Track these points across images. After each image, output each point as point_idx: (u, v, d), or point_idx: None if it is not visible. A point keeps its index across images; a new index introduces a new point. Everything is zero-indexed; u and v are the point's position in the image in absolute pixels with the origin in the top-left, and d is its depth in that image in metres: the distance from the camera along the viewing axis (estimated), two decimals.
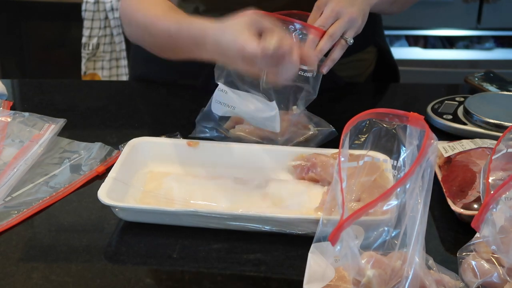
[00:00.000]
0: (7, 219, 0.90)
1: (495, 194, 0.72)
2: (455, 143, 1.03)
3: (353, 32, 1.05)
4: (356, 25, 1.05)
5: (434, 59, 2.65)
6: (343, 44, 1.05)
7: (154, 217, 0.89)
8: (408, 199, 0.69)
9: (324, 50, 1.03)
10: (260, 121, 1.07)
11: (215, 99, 1.08)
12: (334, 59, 1.06)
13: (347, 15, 1.03)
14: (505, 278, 0.73)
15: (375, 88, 1.43)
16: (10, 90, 1.31)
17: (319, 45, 1.03)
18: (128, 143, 1.01)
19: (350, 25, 1.04)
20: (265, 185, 0.98)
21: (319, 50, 1.02)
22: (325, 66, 1.05)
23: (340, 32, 1.03)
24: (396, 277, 0.69)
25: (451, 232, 0.90)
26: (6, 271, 0.81)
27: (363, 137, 0.79)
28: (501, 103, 1.22)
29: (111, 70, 2.48)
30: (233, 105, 1.07)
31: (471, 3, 2.54)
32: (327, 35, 1.03)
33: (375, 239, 0.72)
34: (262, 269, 0.82)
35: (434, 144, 0.70)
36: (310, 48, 1.02)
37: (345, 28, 1.04)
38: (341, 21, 1.03)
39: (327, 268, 0.71)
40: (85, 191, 0.98)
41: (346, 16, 1.03)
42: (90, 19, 2.39)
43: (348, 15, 1.04)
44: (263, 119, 1.06)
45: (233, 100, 1.06)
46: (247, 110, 1.06)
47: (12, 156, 1.03)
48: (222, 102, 1.08)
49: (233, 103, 1.07)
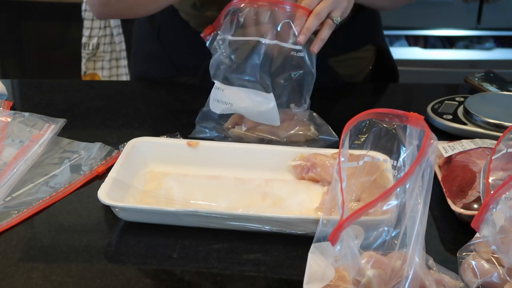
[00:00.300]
0: (7, 219, 0.90)
1: (495, 194, 0.72)
2: (455, 143, 1.03)
3: (339, 12, 1.07)
4: (342, 5, 1.07)
5: (434, 59, 2.65)
6: (330, 24, 1.06)
7: (154, 217, 0.89)
8: (408, 199, 0.69)
9: (311, 28, 1.04)
10: (259, 116, 1.07)
11: (212, 97, 1.09)
12: (323, 38, 1.07)
13: None
14: (505, 278, 0.73)
15: (375, 88, 1.43)
16: (10, 90, 1.31)
17: (306, 23, 1.04)
18: (128, 143, 1.01)
19: (336, 5, 1.06)
20: (265, 185, 0.98)
21: (306, 28, 1.04)
22: (315, 45, 1.06)
23: (326, 11, 1.05)
24: (396, 277, 0.69)
25: (451, 232, 0.90)
26: (6, 271, 0.81)
27: (363, 137, 0.79)
28: (501, 103, 1.22)
29: (111, 70, 2.48)
30: (230, 102, 1.07)
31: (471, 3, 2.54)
32: (313, 13, 1.04)
33: (375, 239, 0.72)
34: (262, 269, 0.82)
35: (434, 144, 0.70)
36: (298, 26, 1.04)
37: (331, 8, 1.05)
38: (327, 0, 1.05)
39: (327, 268, 0.71)
40: (85, 191, 0.98)
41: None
42: (90, 19, 2.39)
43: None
44: (262, 113, 1.06)
45: (230, 97, 1.07)
46: (245, 106, 1.07)
47: (12, 156, 1.03)
48: (220, 100, 1.08)
49: (231, 100, 1.07)
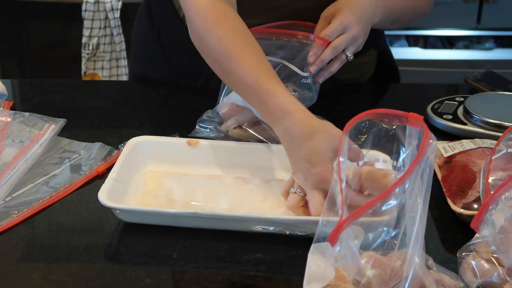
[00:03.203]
0: (7, 219, 0.90)
1: (495, 194, 0.72)
2: (455, 143, 1.03)
3: (354, 48, 1.08)
4: (358, 42, 1.08)
5: (434, 59, 2.65)
6: (343, 59, 1.08)
7: (154, 218, 0.89)
8: (408, 199, 0.69)
9: (325, 60, 1.06)
10: None
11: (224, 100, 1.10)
12: (331, 72, 1.09)
13: (353, 31, 1.06)
14: (505, 278, 0.73)
15: (375, 89, 1.43)
16: (10, 90, 1.31)
17: (322, 55, 1.05)
18: (128, 142, 1.02)
19: (353, 41, 1.07)
20: (265, 185, 0.98)
21: (320, 60, 1.05)
22: (322, 76, 1.08)
23: (343, 46, 1.06)
24: (396, 277, 0.69)
25: (451, 232, 0.90)
26: (6, 271, 0.81)
27: (363, 137, 0.79)
28: (501, 103, 1.22)
29: (111, 70, 2.48)
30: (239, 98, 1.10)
31: (471, 3, 2.54)
32: (331, 46, 1.05)
33: (375, 239, 0.72)
34: (262, 269, 0.82)
35: (433, 144, 0.70)
36: (314, 55, 1.05)
37: (348, 43, 1.06)
38: (346, 35, 1.06)
39: (327, 268, 0.71)
40: (85, 191, 0.98)
41: (352, 32, 1.06)
42: (90, 19, 2.39)
43: (353, 32, 1.06)
44: None
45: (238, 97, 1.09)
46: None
47: (12, 156, 1.03)
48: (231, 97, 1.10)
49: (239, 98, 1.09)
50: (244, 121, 1.10)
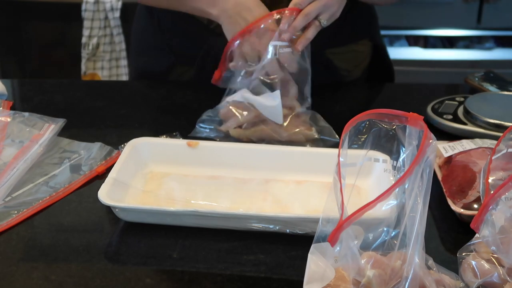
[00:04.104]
0: (7, 219, 0.90)
1: (494, 195, 0.72)
2: (455, 143, 1.03)
3: (327, 15, 1.09)
4: (331, 9, 1.09)
5: (434, 59, 2.65)
6: (317, 25, 1.09)
7: (154, 217, 0.89)
8: (407, 199, 0.69)
9: (297, 27, 1.07)
10: (266, 109, 1.09)
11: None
12: (308, 38, 1.09)
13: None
14: (505, 278, 0.73)
15: (375, 89, 1.43)
16: (10, 90, 1.31)
17: (293, 22, 1.07)
18: (128, 143, 1.02)
19: (326, 8, 1.08)
20: (265, 184, 0.98)
21: (292, 27, 1.07)
22: (300, 43, 1.09)
23: (315, 13, 1.08)
24: (396, 277, 0.69)
25: (451, 232, 0.90)
26: (6, 271, 0.81)
27: (363, 137, 0.79)
28: (501, 103, 1.22)
29: (111, 70, 2.48)
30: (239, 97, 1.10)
31: (471, 3, 2.54)
32: (302, 13, 1.07)
33: (375, 239, 0.72)
34: (262, 269, 0.82)
35: (433, 144, 0.70)
36: (286, 23, 1.07)
37: (320, 10, 1.08)
38: (318, 2, 1.07)
39: (327, 268, 0.71)
40: (85, 191, 0.98)
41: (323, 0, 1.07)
42: (90, 19, 2.39)
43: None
44: (268, 107, 1.08)
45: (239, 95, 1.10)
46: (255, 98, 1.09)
47: (12, 156, 1.03)
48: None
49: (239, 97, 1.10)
50: (244, 121, 1.11)
